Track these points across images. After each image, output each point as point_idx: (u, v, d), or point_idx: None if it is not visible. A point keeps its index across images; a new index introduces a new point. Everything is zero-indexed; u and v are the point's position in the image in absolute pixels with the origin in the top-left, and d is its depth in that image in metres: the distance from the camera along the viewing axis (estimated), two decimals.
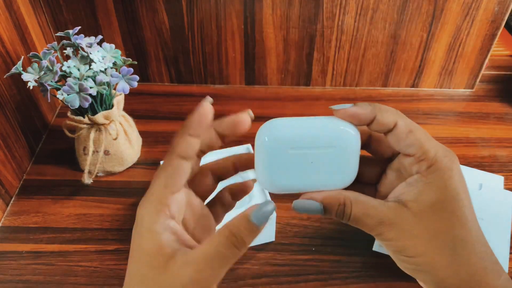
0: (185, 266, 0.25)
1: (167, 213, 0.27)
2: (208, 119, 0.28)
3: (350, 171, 0.31)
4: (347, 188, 0.31)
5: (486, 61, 0.81)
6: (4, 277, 0.56)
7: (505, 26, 0.98)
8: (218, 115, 0.28)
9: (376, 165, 0.33)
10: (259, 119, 0.31)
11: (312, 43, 0.79)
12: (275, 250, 0.59)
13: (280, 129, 0.29)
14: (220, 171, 0.33)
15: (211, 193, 0.34)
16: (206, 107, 0.28)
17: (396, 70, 0.83)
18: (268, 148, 0.29)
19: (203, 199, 0.33)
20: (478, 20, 0.75)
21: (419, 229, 0.28)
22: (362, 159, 0.32)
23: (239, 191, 0.34)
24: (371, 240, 0.59)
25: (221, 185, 0.34)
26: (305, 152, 0.29)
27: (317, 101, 0.83)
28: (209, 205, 0.33)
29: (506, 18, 0.74)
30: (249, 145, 0.64)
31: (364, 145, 0.33)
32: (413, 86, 0.85)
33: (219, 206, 0.34)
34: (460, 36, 0.77)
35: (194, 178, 0.32)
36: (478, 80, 0.84)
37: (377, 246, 0.58)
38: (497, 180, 0.62)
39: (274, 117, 0.30)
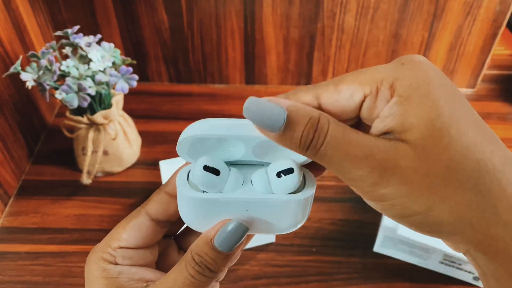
0: None
1: (114, 260, 0.26)
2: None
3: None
4: None
5: (488, 60, 0.81)
6: (3, 278, 0.55)
7: (506, 26, 0.98)
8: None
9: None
10: None
11: (312, 42, 0.78)
12: (275, 251, 0.58)
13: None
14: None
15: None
16: None
17: None
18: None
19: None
20: (480, 20, 0.75)
21: (424, 169, 0.19)
22: None
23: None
24: (372, 241, 0.58)
25: None
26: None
27: None
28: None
29: (507, 17, 0.74)
30: None
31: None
32: None
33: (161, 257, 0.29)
34: (462, 35, 0.77)
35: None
36: (479, 79, 0.84)
37: (378, 247, 0.58)
38: None
39: None
